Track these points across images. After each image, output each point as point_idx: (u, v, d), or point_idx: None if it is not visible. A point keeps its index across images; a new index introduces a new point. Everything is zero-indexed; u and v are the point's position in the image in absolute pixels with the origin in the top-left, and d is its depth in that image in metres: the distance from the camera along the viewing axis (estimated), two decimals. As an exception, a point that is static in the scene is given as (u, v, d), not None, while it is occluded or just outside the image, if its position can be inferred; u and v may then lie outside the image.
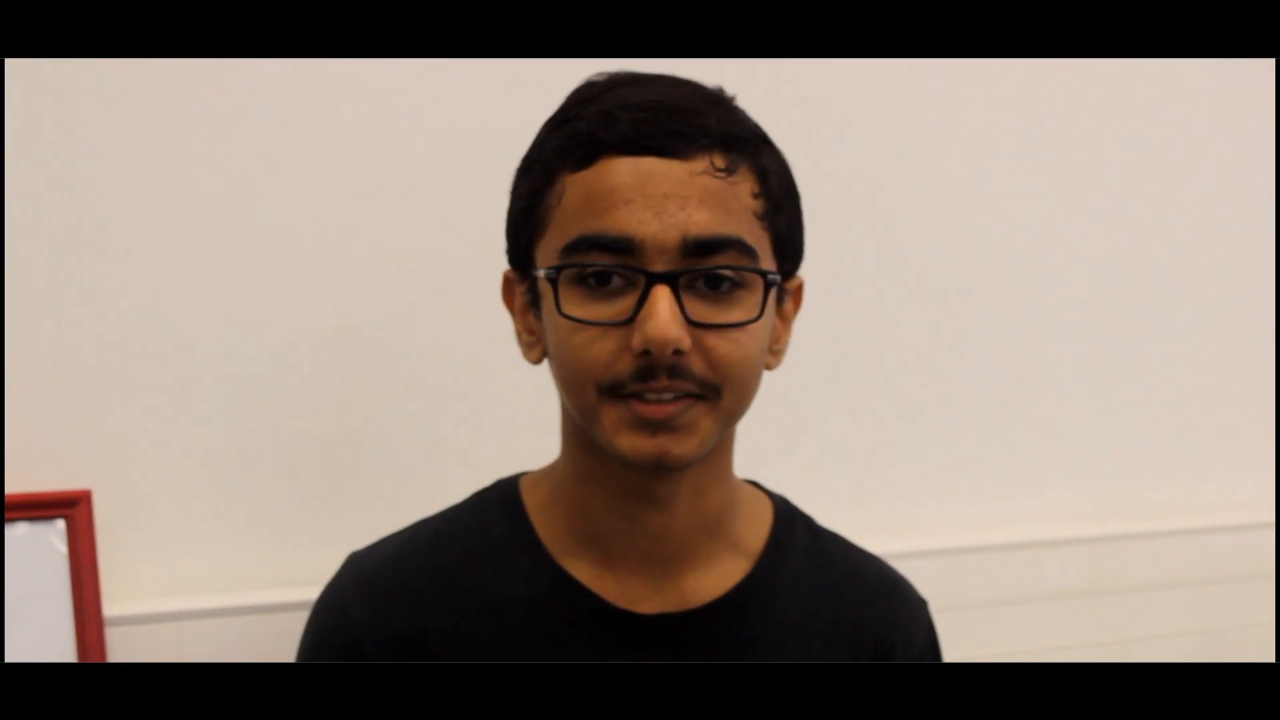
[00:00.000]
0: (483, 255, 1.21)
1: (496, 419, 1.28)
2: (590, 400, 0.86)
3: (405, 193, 1.24)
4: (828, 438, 1.41)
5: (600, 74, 0.91)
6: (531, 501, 0.96)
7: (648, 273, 0.83)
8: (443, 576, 0.94)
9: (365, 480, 1.24)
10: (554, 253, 0.86)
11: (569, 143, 0.87)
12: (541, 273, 0.88)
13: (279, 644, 1.15)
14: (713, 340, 0.85)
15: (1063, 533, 1.50)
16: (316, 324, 1.21)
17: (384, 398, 1.24)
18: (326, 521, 1.23)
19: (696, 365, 0.85)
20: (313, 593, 1.16)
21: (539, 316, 0.91)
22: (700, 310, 0.84)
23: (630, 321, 0.84)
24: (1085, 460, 1.55)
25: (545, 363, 0.93)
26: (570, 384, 0.88)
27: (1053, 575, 1.48)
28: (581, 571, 0.93)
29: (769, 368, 0.92)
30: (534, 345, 0.93)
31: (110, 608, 1.13)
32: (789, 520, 1.00)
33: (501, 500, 0.97)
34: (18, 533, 1.10)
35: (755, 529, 0.98)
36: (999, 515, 1.51)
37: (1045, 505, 1.53)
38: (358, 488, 1.24)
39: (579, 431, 0.91)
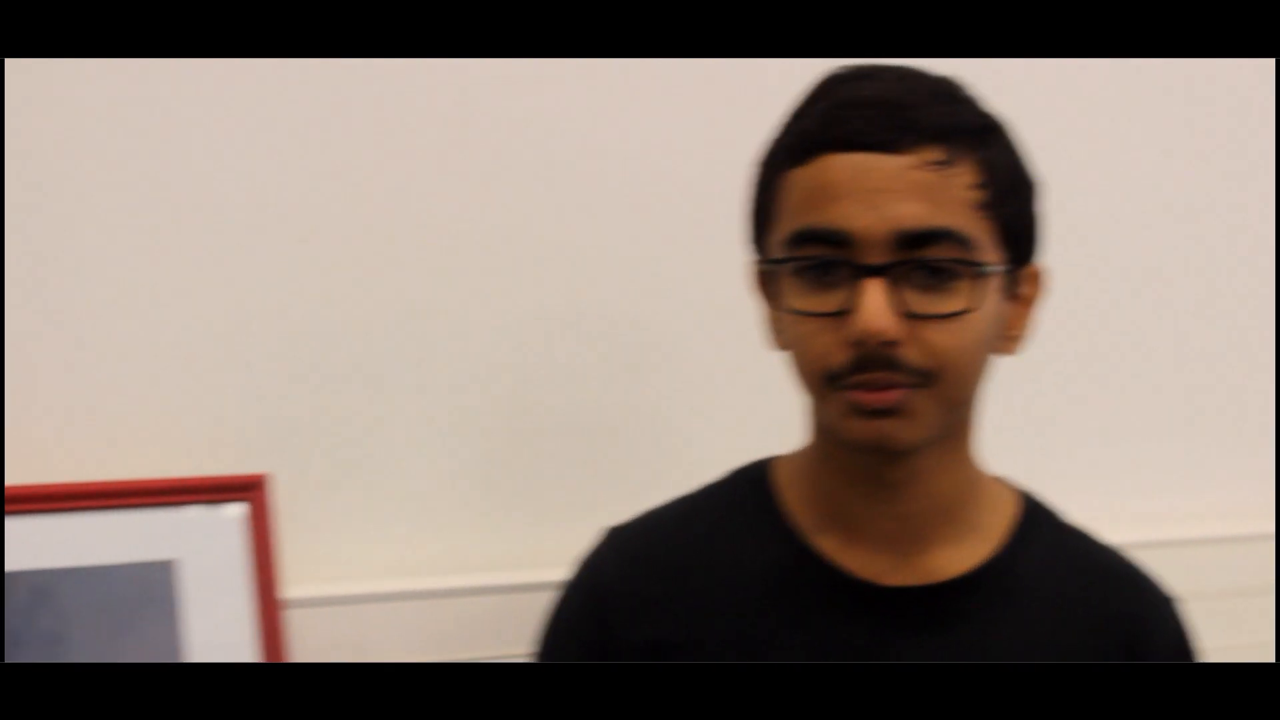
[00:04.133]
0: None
1: (687, 406, 1.33)
2: (817, 388, 0.91)
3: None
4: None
5: (842, 67, 0.94)
6: (780, 480, 1.01)
7: (859, 265, 0.87)
8: (692, 547, 1.00)
9: (546, 466, 1.30)
10: (778, 246, 0.92)
11: (794, 140, 0.91)
12: (769, 265, 0.94)
13: (456, 629, 1.21)
14: (929, 330, 0.87)
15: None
16: (504, 310, 1.27)
17: (573, 382, 1.30)
18: (505, 507, 1.28)
19: (913, 355, 0.87)
20: (491, 578, 1.23)
21: (777, 306, 0.95)
22: (916, 301, 0.87)
23: (847, 313, 0.87)
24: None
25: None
26: (798, 373, 0.93)
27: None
28: (827, 546, 0.97)
29: (1006, 354, 0.95)
30: (777, 333, 0.97)
31: (289, 591, 1.18)
32: (1034, 510, 1.02)
33: (752, 478, 1.02)
34: (196, 515, 1.16)
35: (997, 516, 1.00)
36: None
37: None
38: (540, 473, 1.30)
39: (816, 415, 0.96)
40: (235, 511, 1.18)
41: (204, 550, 1.16)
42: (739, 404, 1.34)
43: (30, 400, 1.18)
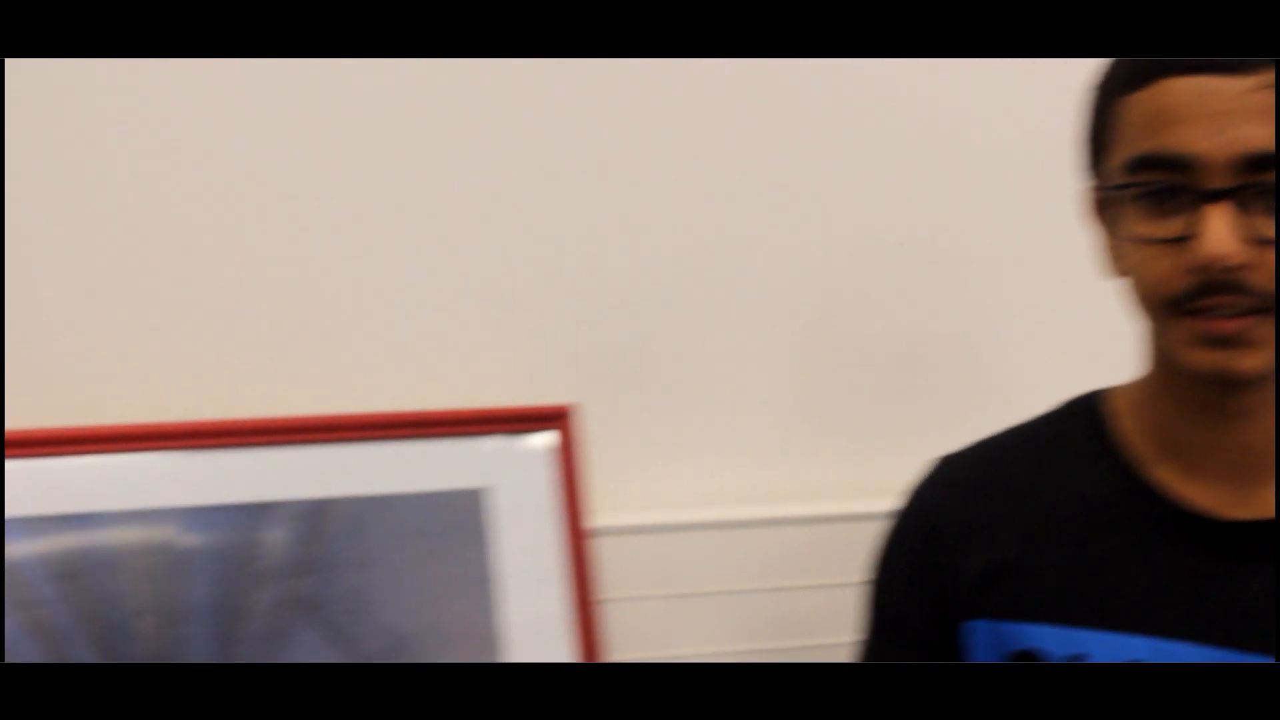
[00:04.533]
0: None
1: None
2: (1156, 316, 0.90)
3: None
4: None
5: None
6: (1114, 411, 1.00)
7: (1202, 190, 0.85)
8: (1025, 475, 1.00)
9: (859, 395, 1.29)
10: (1116, 171, 0.90)
11: (1133, 64, 0.90)
12: (1106, 191, 0.93)
13: (767, 559, 1.22)
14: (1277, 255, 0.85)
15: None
16: (817, 233, 1.27)
17: (889, 309, 1.29)
18: (815, 436, 1.29)
19: (1260, 279, 0.85)
20: (790, 509, 1.24)
21: (1115, 233, 0.94)
22: (1263, 225, 0.85)
23: (1190, 238, 0.86)
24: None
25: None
26: (1137, 300, 0.92)
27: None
28: (1164, 478, 0.95)
29: None
30: (1113, 260, 0.96)
31: (597, 519, 1.20)
32: None
33: (1085, 408, 1.02)
34: (506, 445, 1.18)
35: None
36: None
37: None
38: (852, 402, 1.29)
39: (1155, 344, 0.95)
40: (544, 440, 1.20)
41: (513, 479, 1.18)
42: (1060, 332, 1.32)
43: (346, 332, 1.20)
